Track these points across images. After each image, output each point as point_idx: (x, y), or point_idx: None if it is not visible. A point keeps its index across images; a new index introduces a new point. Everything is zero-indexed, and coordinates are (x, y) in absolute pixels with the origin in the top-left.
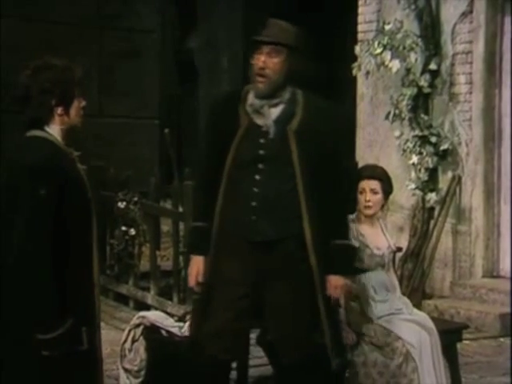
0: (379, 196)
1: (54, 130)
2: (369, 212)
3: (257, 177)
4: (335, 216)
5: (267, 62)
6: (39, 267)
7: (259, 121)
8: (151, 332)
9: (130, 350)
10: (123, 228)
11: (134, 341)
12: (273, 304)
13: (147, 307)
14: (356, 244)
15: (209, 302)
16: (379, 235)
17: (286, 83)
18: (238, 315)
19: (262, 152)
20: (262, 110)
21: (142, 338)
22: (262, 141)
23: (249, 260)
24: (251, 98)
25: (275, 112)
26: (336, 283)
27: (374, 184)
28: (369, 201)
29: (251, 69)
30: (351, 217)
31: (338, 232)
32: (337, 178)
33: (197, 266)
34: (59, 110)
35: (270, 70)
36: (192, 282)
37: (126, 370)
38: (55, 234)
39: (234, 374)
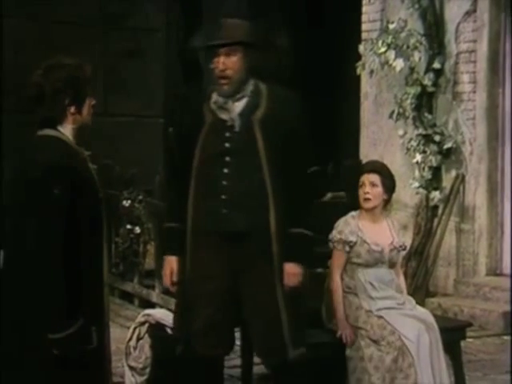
0: (379, 189)
1: (66, 130)
2: (368, 205)
3: (225, 170)
4: (297, 204)
5: (227, 62)
6: (51, 267)
7: (224, 116)
8: (156, 330)
9: (135, 348)
10: (128, 226)
11: (139, 339)
12: (244, 299)
13: (152, 305)
14: (354, 240)
15: (188, 300)
16: (382, 232)
17: (247, 78)
18: (219, 309)
19: (228, 145)
20: (226, 105)
21: (147, 335)
22: (227, 134)
23: (222, 254)
24: (215, 96)
25: (239, 106)
26: (291, 271)
27: (373, 177)
28: (367, 193)
29: (213, 71)
30: (353, 213)
31: (298, 220)
32: (300, 167)
33: (170, 266)
34: (72, 109)
35: (231, 69)
36: (167, 282)
37: (131, 368)
38: (67, 233)
39: (238, 372)
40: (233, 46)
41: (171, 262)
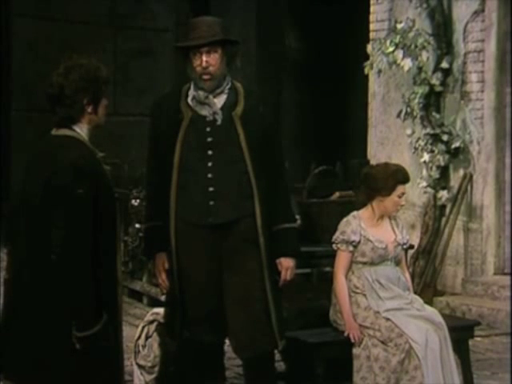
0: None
1: (82, 130)
2: (396, 213)
3: (209, 164)
4: (282, 197)
5: (209, 60)
6: (80, 266)
7: (204, 111)
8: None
9: (143, 347)
10: (137, 225)
11: (147, 337)
12: (232, 292)
13: (161, 304)
14: (357, 239)
15: (179, 292)
16: (384, 229)
17: (226, 73)
18: (211, 299)
19: (210, 139)
20: (207, 100)
21: (155, 334)
22: (208, 129)
23: (209, 245)
24: (192, 93)
25: (220, 101)
26: (288, 265)
27: (405, 188)
28: (403, 205)
29: (192, 71)
30: (354, 213)
31: (285, 214)
32: (278, 162)
33: (162, 262)
34: (89, 109)
35: (213, 66)
36: (163, 277)
37: (140, 366)
38: (91, 233)
39: (241, 370)
40: (214, 44)
41: (162, 258)
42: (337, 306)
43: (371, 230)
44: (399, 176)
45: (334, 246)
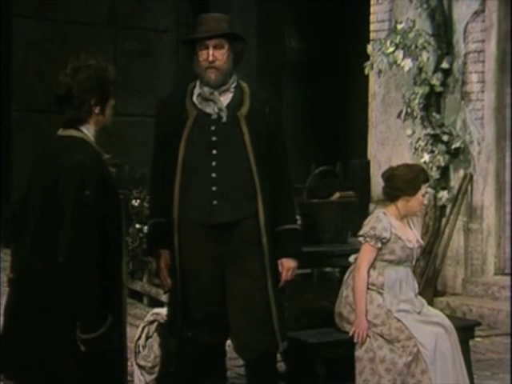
0: None
1: (89, 131)
2: (420, 212)
3: (213, 163)
4: (285, 199)
5: (215, 54)
6: (86, 268)
7: (209, 109)
8: (165, 328)
9: (144, 347)
10: (137, 226)
11: (148, 337)
12: (234, 292)
13: (161, 304)
14: (387, 236)
15: (181, 292)
16: (408, 229)
17: (232, 71)
18: (212, 299)
19: (214, 138)
20: (212, 96)
21: (155, 334)
22: (213, 128)
23: (211, 245)
24: (198, 89)
25: (226, 99)
26: (288, 265)
27: (426, 187)
28: (426, 204)
29: (198, 65)
30: (382, 210)
31: (288, 216)
32: (283, 164)
33: (164, 258)
34: (97, 110)
35: (220, 61)
36: (165, 275)
37: (140, 367)
38: (98, 234)
39: (243, 371)
40: (221, 39)
41: (165, 256)
42: (348, 299)
43: (399, 229)
44: (423, 176)
45: (361, 239)
